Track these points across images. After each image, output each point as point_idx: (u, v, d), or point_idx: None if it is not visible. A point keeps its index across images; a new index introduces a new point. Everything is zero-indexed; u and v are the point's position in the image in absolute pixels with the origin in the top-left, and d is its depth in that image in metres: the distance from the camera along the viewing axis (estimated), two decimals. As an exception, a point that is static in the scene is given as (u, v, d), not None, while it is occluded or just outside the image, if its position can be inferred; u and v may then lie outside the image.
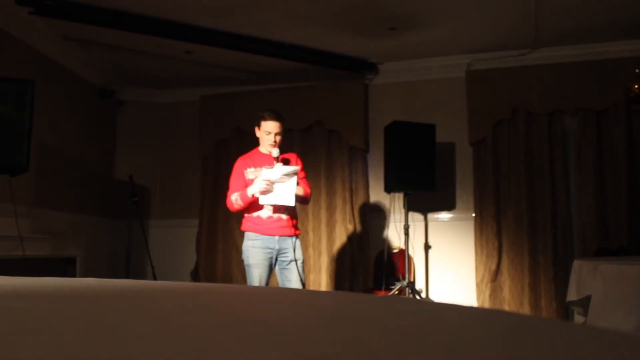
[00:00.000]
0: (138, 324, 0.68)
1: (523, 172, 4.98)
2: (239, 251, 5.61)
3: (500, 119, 5.10)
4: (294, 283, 3.46)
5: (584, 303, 2.87)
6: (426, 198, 5.21)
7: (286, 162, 3.50)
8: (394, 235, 5.30)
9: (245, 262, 3.48)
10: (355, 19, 4.53)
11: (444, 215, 5.33)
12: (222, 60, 5.33)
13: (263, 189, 3.30)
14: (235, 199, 3.44)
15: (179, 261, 5.82)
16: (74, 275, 4.76)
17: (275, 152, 3.42)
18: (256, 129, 3.54)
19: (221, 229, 5.70)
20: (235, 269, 5.59)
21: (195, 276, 5.72)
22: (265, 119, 3.46)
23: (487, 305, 4.87)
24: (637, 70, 3.83)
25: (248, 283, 3.50)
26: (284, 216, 3.46)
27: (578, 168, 4.96)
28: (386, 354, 0.50)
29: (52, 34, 4.77)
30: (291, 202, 3.38)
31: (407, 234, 4.86)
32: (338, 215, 5.38)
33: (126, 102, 6.10)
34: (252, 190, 3.35)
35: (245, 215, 3.51)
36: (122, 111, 6.11)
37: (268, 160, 3.47)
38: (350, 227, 5.32)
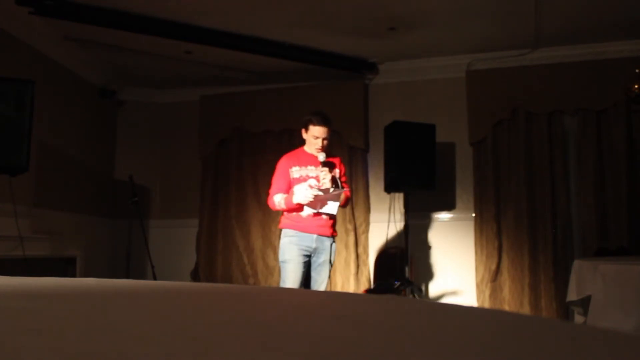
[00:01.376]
0: (138, 324, 0.68)
1: (523, 172, 4.98)
2: (239, 251, 5.65)
3: (500, 119, 5.10)
4: (318, 284, 3.45)
5: (584, 303, 2.86)
6: (426, 198, 5.21)
7: (331, 166, 3.50)
8: (394, 235, 5.29)
9: (281, 259, 3.43)
10: (355, 19, 4.53)
11: (444, 215, 5.32)
12: (222, 60, 5.33)
13: (309, 202, 3.31)
14: (278, 202, 3.41)
15: (179, 261, 5.82)
16: (74, 275, 4.76)
17: (322, 156, 3.41)
18: (303, 130, 3.52)
19: (221, 229, 5.70)
20: (235, 268, 5.60)
21: (195, 276, 5.72)
22: (314, 124, 3.43)
23: (487, 305, 4.87)
24: (637, 70, 3.82)
25: (282, 280, 3.44)
26: (324, 216, 3.45)
27: (578, 168, 4.96)
28: (386, 354, 0.50)
29: (52, 34, 4.77)
30: (334, 212, 3.42)
31: (407, 234, 4.86)
32: (338, 215, 5.36)
33: (126, 102, 6.10)
34: (297, 200, 3.33)
35: (285, 213, 3.49)
36: (122, 111, 6.11)
37: (314, 160, 3.47)
38: (350, 227, 5.32)
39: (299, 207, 3.39)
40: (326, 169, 3.41)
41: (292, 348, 0.53)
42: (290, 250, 3.39)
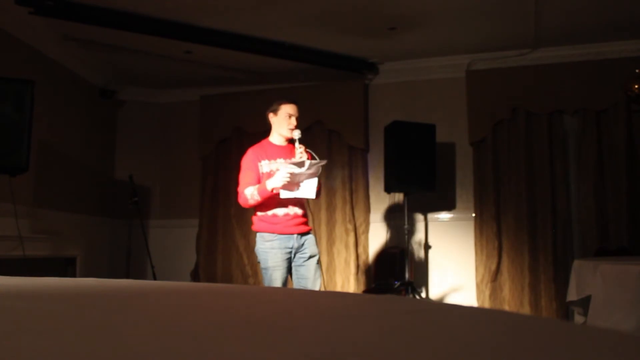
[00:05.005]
0: (138, 324, 0.68)
1: (523, 172, 4.98)
2: (239, 251, 5.65)
3: (500, 119, 5.10)
4: (311, 281, 3.21)
5: (584, 303, 2.86)
6: (426, 198, 5.21)
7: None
8: (393, 235, 5.29)
9: (263, 265, 3.19)
10: (355, 19, 4.53)
11: (444, 215, 5.32)
12: (222, 60, 5.33)
13: (286, 183, 3.04)
14: (251, 194, 3.13)
15: (179, 261, 5.82)
16: (74, 275, 4.76)
17: (298, 133, 3.21)
18: (271, 115, 3.35)
19: (221, 229, 5.70)
20: (235, 269, 5.59)
21: (195, 276, 5.72)
22: (284, 103, 3.33)
23: (487, 305, 4.87)
24: (637, 70, 3.82)
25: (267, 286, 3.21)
26: (299, 211, 3.24)
27: (578, 168, 4.96)
28: (386, 354, 0.50)
29: (52, 34, 4.77)
30: (312, 195, 3.17)
31: (407, 234, 4.86)
32: (338, 215, 5.38)
33: (126, 102, 6.10)
34: (272, 184, 3.06)
35: (258, 214, 3.24)
36: (122, 111, 6.11)
37: (282, 152, 3.29)
38: (350, 227, 5.32)
39: (271, 201, 3.15)
40: (303, 146, 3.19)
41: (292, 348, 0.53)
42: (274, 257, 3.17)
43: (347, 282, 5.28)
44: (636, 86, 3.80)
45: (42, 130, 4.58)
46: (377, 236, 5.39)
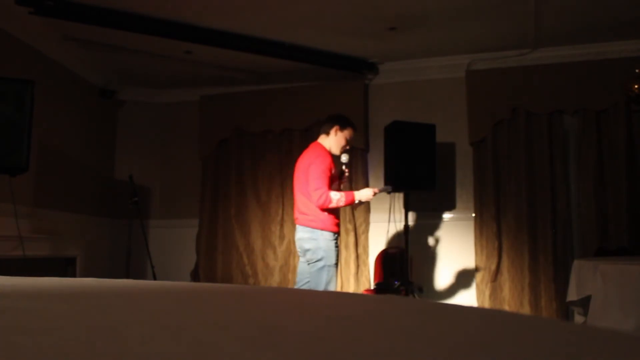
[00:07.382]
0: (138, 324, 0.68)
1: (523, 172, 4.97)
2: (239, 251, 5.65)
3: (500, 119, 5.10)
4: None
5: (584, 303, 2.86)
6: (426, 198, 5.21)
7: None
8: (393, 235, 5.29)
9: (328, 263, 3.53)
10: (355, 19, 4.53)
11: (444, 215, 5.32)
12: (222, 60, 5.33)
13: (368, 199, 3.78)
14: (338, 199, 3.57)
15: (179, 261, 5.82)
16: (74, 275, 4.76)
17: (346, 157, 3.79)
18: (336, 129, 3.77)
19: (221, 229, 5.70)
20: (235, 269, 5.59)
21: (195, 276, 5.72)
22: (352, 128, 3.78)
23: (487, 305, 4.87)
24: (637, 70, 3.82)
25: (326, 283, 3.50)
26: None
27: (578, 168, 4.96)
28: (386, 354, 0.50)
29: (52, 34, 4.77)
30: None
31: (407, 234, 4.85)
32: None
33: (126, 102, 6.10)
34: (360, 197, 3.71)
35: (327, 214, 3.62)
36: (122, 111, 6.11)
37: (335, 160, 3.82)
38: (350, 227, 5.32)
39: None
40: (348, 170, 3.83)
41: (292, 348, 0.53)
42: (336, 254, 3.56)
43: (347, 282, 5.28)
44: (636, 86, 3.80)
45: (42, 130, 4.58)
46: (377, 236, 5.38)
